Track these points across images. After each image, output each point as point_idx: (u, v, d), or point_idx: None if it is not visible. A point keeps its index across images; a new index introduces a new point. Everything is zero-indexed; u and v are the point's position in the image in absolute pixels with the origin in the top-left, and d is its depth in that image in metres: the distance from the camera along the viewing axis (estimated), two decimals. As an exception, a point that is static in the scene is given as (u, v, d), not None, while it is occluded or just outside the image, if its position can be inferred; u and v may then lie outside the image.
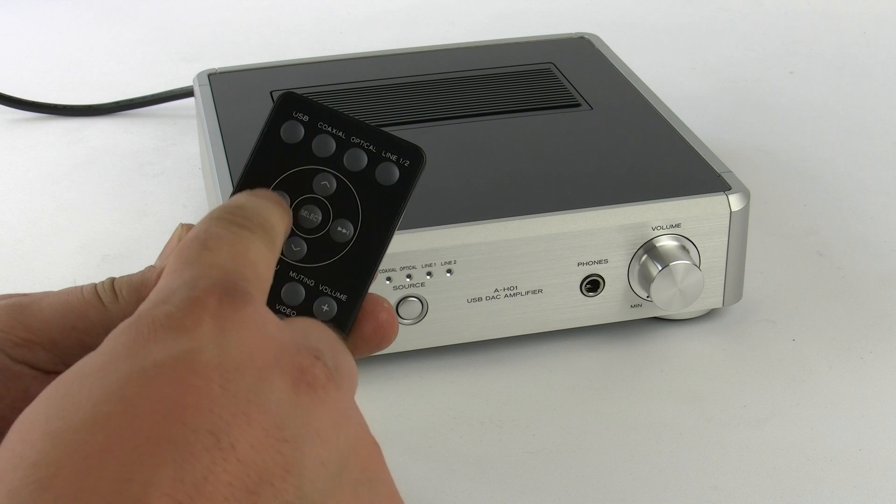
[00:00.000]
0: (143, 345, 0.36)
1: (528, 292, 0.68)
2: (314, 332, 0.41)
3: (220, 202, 0.71)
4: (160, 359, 0.36)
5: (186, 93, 0.99)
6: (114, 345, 0.37)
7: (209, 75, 0.87)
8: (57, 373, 0.44)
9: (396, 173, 0.47)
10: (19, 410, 0.43)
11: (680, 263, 0.67)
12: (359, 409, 0.41)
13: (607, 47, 0.90)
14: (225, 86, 0.85)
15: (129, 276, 0.45)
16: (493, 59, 0.87)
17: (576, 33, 0.92)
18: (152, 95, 1.01)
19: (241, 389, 0.36)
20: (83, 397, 0.35)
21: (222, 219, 0.42)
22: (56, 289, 0.46)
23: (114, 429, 0.34)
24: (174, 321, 0.37)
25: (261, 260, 0.42)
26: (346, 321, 0.46)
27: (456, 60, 0.87)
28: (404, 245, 0.66)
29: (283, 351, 0.38)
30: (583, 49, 0.90)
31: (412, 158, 0.47)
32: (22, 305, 0.44)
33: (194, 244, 0.41)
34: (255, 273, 0.41)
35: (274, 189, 0.47)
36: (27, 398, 0.43)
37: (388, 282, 0.66)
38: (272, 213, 0.44)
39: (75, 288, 0.45)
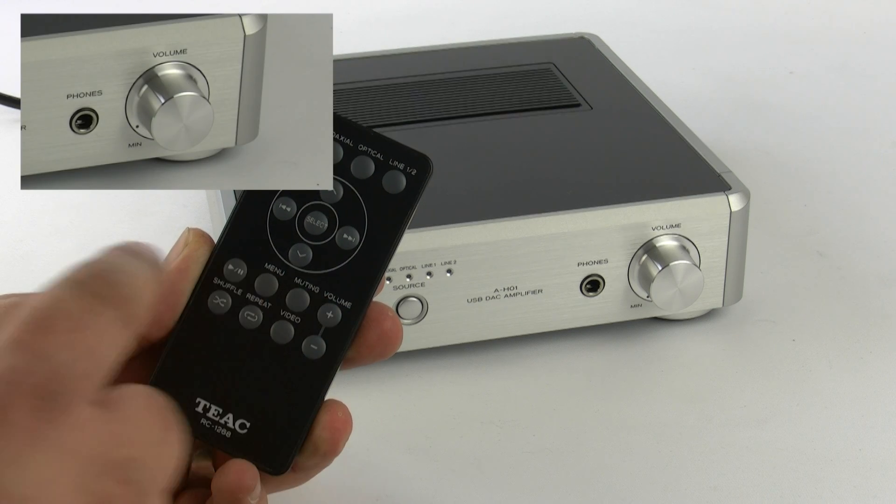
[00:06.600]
0: None
1: (528, 292, 0.68)
2: (135, 429, 0.37)
3: (220, 202, 0.71)
4: None
5: (186, 93, 0.99)
6: None
7: (209, 75, 0.87)
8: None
9: (403, 182, 0.47)
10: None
11: (680, 263, 0.67)
12: None
13: (607, 47, 0.90)
14: (225, 86, 0.85)
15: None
16: (493, 59, 0.87)
17: (576, 33, 0.92)
18: (152, 95, 1.01)
19: None
20: None
21: (77, 284, 0.38)
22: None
23: None
24: None
25: (105, 342, 0.37)
26: (350, 328, 0.46)
27: (456, 60, 0.87)
28: (404, 245, 0.65)
29: (87, 475, 0.35)
30: (583, 49, 0.90)
31: (419, 167, 0.47)
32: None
33: (32, 321, 0.37)
34: (93, 363, 0.37)
35: (280, 195, 0.47)
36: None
37: (388, 282, 0.66)
38: (139, 276, 0.39)
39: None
